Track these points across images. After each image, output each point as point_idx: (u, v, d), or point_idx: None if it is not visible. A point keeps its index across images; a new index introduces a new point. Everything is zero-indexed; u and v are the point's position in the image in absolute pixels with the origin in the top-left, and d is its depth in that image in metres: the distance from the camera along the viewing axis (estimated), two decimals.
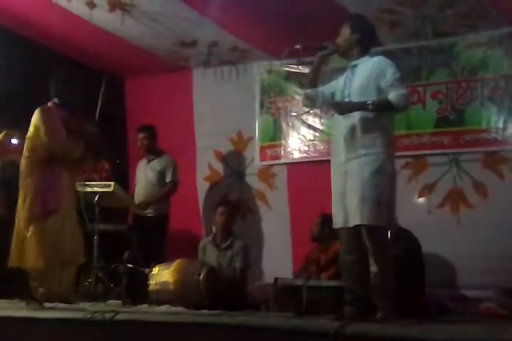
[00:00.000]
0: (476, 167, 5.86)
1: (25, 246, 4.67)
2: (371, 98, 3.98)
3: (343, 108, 4.07)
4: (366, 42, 4.23)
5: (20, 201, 4.78)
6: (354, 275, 4.07)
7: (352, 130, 4.04)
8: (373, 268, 3.97)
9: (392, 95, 3.94)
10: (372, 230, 3.94)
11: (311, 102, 4.36)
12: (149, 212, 6.43)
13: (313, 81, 4.32)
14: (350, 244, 4.07)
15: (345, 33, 4.19)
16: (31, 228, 4.68)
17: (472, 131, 5.90)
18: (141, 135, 6.61)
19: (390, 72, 4.03)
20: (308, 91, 4.31)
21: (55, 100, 4.96)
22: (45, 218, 4.71)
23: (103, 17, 5.80)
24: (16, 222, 4.77)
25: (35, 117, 4.81)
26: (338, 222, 4.09)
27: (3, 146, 5.71)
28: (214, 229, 6.17)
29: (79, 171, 5.23)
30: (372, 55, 4.23)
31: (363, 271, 4.03)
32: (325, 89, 4.34)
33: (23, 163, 4.84)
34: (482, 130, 5.85)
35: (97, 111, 5.23)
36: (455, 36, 5.96)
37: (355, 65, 4.18)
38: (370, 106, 3.97)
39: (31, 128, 4.81)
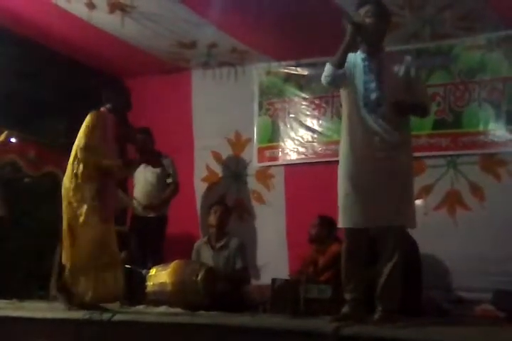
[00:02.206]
0: (473, 169, 5.87)
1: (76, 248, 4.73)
2: (400, 98, 3.96)
3: (406, 109, 4.00)
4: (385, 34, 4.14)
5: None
6: (357, 276, 4.07)
7: (386, 128, 3.98)
8: (385, 270, 3.97)
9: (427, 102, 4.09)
10: (401, 231, 3.96)
11: (337, 82, 4.11)
12: (148, 213, 6.43)
13: (342, 61, 3.99)
14: (360, 244, 4.04)
15: (376, 15, 3.99)
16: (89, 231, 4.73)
17: (470, 133, 5.91)
18: (139, 137, 6.61)
19: (420, 77, 4.11)
20: (336, 71, 3.99)
21: (108, 106, 5.03)
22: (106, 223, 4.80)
23: (103, 18, 5.80)
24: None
25: (90, 121, 4.88)
26: (357, 221, 4.01)
27: (4, 146, 5.75)
28: (209, 230, 6.19)
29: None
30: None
31: (366, 272, 4.04)
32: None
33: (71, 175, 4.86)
34: (480, 132, 5.86)
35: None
36: (453, 38, 5.97)
37: (382, 59, 4.07)
38: (421, 112, 4.06)
39: (84, 134, 4.83)
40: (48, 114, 6.13)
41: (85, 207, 4.73)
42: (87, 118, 4.89)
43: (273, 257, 6.53)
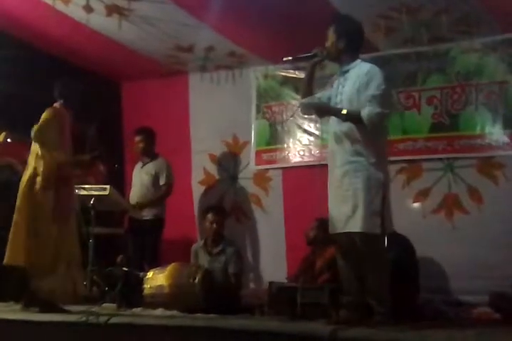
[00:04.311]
0: (470, 172, 5.88)
1: (35, 244, 4.74)
2: (360, 107, 4.02)
3: (321, 111, 4.17)
4: (354, 46, 4.24)
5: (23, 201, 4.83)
6: (351, 279, 4.10)
7: (341, 136, 4.09)
8: (369, 274, 4.00)
9: (366, 112, 3.98)
10: (365, 238, 3.96)
11: (308, 110, 4.39)
12: (145, 216, 6.43)
13: (308, 89, 4.31)
14: (346, 248, 4.10)
15: (332, 37, 4.20)
16: (45, 228, 4.75)
17: (467, 136, 5.92)
18: (138, 138, 6.63)
19: (374, 86, 4.02)
20: (304, 100, 4.28)
21: (61, 101, 5.03)
22: (61, 221, 4.82)
23: (100, 21, 5.80)
24: (19, 221, 4.82)
25: (47, 115, 4.88)
26: (336, 226, 4.11)
27: (1, 147, 5.75)
28: (205, 234, 6.19)
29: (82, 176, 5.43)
30: (364, 59, 4.27)
31: (360, 275, 4.05)
32: (323, 94, 4.36)
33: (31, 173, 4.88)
34: (476, 135, 5.88)
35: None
36: (450, 42, 5.98)
37: (347, 71, 4.20)
38: (344, 116, 4.04)
39: (40, 129, 4.83)
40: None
41: (44, 205, 4.76)
42: (43, 115, 4.88)
43: (271, 260, 6.54)
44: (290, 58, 4.24)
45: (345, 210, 4.00)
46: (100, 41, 6.21)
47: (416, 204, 6.05)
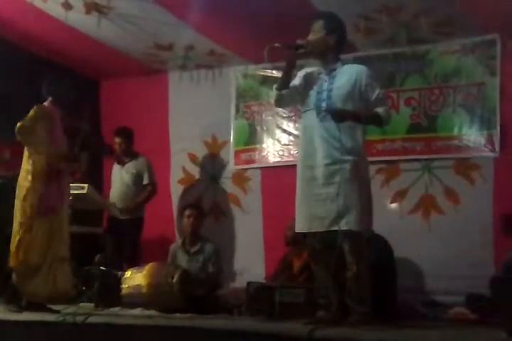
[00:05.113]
0: (448, 173, 5.92)
1: (25, 244, 4.75)
2: (355, 106, 4.06)
3: (341, 116, 4.03)
4: (341, 43, 4.24)
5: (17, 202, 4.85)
6: (326, 280, 4.11)
7: (327, 135, 4.06)
8: (349, 273, 4.01)
9: (382, 110, 4.08)
10: (355, 236, 3.97)
11: (283, 103, 4.35)
12: (125, 215, 6.40)
13: (286, 80, 4.20)
14: (324, 247, 4.09)
15: (319, 32, 4.15)
16: (33, 225, 4.77)
17: (444, 137, 5.97)
18: (117, 139, 6.58)
19: (375, 85, 4.11)
20: (282, 92, 4.21)
21: (50, 99, 5.01)
22: (48, 216, 4.82)
23: (79, 19, 5.76)
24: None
25: (33, 114, 4.86)
26: (317, 224, 4.08)
27: None
28: (184, 233, 6.18)
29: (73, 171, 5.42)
30: (343, 59, 4.29)
31: (337, 276, 4.06)
32: (297, 83, 4.27)
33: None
34: (454, 137, 5.92)
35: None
36: (429, 44, 6.02)
37: (334, 69, 4.18)
38: (364, 119, 4.07)
39: (24, 128, 4.80)
40: (21, 114, 6.08)
41: (33, 203, 4.76)
42: (29, 113, 4.88)
43: (249, 260, 6.53)
44: (278, 45, 4.14)
45: (333, 208, 3.97)
46: (79, 39, 6.17)
47: (394, 205, 6.08)
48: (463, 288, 5.26)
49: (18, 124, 4.80)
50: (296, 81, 4.27)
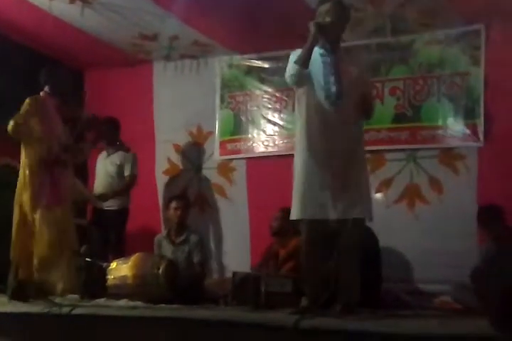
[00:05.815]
0: (432, 163, 5.95)
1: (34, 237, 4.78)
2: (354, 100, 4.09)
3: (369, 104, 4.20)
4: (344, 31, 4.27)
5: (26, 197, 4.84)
6: (316, 269, 4.10)
7: (345, 121, 4.07)
8: (343, 262, 4.02)
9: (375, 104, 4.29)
10: (361, 224, 4.06)
11: (302, 82, 4.15)
12: (109, 206, 6.37)
13: (307, 60, 4.04)
14: (319, 237, 4.08)
15: (334, 15, 4.09)
16: (39, 218, 4.79)
17: (429, 127, 5.98)
18: (104, 127, 6.54)
19: (370, 83, 4.26)
20: (303, 70, 4.05)
21: (46, 89, 5.00)
22: (53, 208, 4.83)
23: (63, 8, 5.71)
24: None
25: (26, 107, 4.85)
26: (329, 213, 4.04)
27: None
28: (168, 224, 6.18)
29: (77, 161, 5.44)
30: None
31: (326, 265, 4.08)
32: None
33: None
34: (438, 126, 5.94)
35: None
36: (414, 34, 6.03)
37: (337, 52, 4.18)
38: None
39: (16, 124, 4.77)
40: (5, 105, 6.04)
41: (30, 196, 4.78)
42: (23, 105, 4.86)
43: (235, 250, 6.55)
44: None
45: (347, 197, 4.01)
46: (63, 29, 6.11)
47: (379, 195, 6.10)
48: (447, 277, 5.30)
49: (11, 123, 4.76)
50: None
